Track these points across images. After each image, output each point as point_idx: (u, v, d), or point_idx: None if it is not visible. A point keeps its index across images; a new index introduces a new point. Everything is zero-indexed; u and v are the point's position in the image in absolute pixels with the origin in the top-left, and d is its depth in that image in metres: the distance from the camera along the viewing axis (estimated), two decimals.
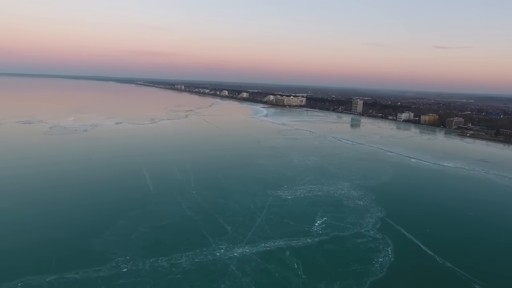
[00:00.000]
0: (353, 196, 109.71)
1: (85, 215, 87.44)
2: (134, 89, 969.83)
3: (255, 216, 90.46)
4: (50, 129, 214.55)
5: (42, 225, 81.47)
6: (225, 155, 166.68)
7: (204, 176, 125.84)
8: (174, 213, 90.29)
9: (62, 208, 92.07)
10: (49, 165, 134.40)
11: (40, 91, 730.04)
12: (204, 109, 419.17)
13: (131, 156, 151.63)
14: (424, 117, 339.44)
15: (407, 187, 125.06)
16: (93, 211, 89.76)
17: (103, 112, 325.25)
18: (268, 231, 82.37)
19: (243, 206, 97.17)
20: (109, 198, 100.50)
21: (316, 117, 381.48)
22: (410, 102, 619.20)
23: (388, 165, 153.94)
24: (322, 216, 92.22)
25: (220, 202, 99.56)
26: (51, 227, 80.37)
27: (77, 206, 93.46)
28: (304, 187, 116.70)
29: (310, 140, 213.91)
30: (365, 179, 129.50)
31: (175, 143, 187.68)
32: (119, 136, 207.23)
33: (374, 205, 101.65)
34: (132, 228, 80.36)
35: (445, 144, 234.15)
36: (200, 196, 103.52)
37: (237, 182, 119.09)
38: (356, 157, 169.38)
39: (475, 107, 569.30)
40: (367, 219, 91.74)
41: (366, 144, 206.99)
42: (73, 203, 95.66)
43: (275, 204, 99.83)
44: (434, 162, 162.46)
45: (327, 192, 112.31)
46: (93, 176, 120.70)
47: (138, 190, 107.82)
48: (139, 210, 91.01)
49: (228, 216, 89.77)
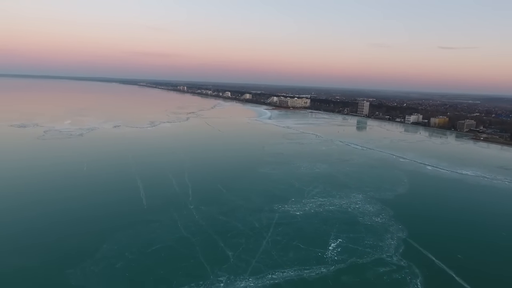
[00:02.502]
0: (369, 211, 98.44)
1: (65, 237, 76.61)
2: (136, 90, 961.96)
3: (260, 238, 79.49)
4: (44, 133, 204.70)
5: (8, 250, 70.38)
6: (227, 162, 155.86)
7: (204, 187, 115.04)
8: (168, 234, 79.42)
9: (38, 227, 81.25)
10: (32, 175, 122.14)
11: (41, 92, 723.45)
12: (206, 111, 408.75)
13: (126, 164, 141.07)
14: (434, 120, 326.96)
15: (427, 200, 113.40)
16: (75, 232, 78.97)
17: (102, 114, 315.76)
18: (275, 257, 71.38)
19: (247, 224, 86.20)
20: (95, 214, 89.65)
21: (322, 119, 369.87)
22: (416, 104, 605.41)
23: (403, 173, 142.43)
24: (336, 237, 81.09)
25: (220, 219, 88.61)
26: (19, 253, 69.33)
27: (57, 225, 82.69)
28: (313, 200, 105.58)
29: (317, 145, 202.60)
30: (379, 190, 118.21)
31: (174, 149, 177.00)
32: (115, 141, 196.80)
33: (394, 223, 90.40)
34: (118, 254, 69.56)
35: (459, 149, 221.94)
36: (199, 212, 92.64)
37: (240, 195, 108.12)
38: (367, 164, 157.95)
39: (483, 108, 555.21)
40: (388, 240, 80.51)
41: (376, 149, 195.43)
42: (51, 221, 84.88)
43: (282, 221, 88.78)
44: (451, 170, 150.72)
45: (340, 207, 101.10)
46: (81, 188, 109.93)
47: (129, 204, 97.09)
48: (128, 230, 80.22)
49: (229, 237, 78.84)
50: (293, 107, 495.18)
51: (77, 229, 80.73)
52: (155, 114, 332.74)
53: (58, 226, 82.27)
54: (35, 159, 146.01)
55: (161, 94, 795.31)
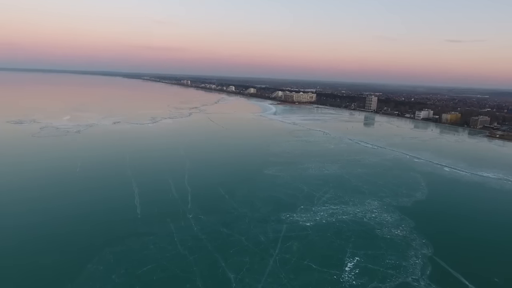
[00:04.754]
0: (387, 221, 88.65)
1: (45, 255, 67.31)
2: (140, 84, 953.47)
3: (266, 255, 70.13)
4: (40, 130, 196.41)
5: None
6: (230, 162, 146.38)
7: (204, 192, 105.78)
8: (163, 250, 70.24)
9: (7, 246, 70.70)
10: (14, 179, 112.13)
11: (43, 86, 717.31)
12: (210, 106, 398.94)
13: (122, 165, 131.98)
14: (446, 116, 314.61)
15: (449, 208, 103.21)
16: (57, 248, 69.94)
17: (102, 109, 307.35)
18: (284, 280, 62.02)
19: (251, 238, 76.86)
20: (83, 226, 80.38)
21: (328, 115, 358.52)
22: (424, 98, 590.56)
23: (419, 175, 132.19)
24: (352, 255, 71.52)
25: (222, 232, 79.30)
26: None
27: (38, 240, 73.38)
28: (324, 208, 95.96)
29: (325, 143, 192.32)
30: (396, 196, 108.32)
31: (174, 148, 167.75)
32: (113, 139, 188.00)
33: (416, 236, 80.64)
34: (104, 277, 60.52)
35: (475, 148, 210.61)
36: (198, 223, 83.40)
37: (243, 201, 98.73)
38: (379, 165, 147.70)
39: (493, 103, 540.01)
40: (412, 259, 70.78)
41: (388, 148, 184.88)
42: (33, 235, 75.38)
43: (291, 235, 79.31)
44: (471, 172, 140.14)
45: (354, 216, 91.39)
46: (69, 194, 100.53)
47: (121, 213, 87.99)
48: (118, 245, 71.11)
49: (231, 255, 69.53)
50: (298, 102, 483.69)
51: (57, 245, 71.67)
52: (157, 110, 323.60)
53: (34, 242, 72.75)
54: (23, 159, 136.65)
55: (164, 89, 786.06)
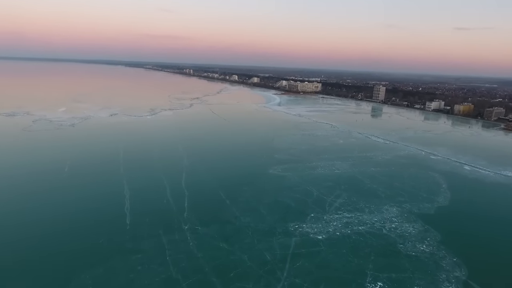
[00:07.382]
0: (410, 234, 77.96)
1: (9, 281, 57.51)
2: (141, 73, 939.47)
3: (273, 279, 59.85)
4: (32, 123, 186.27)
5: None
6: (232, 160, 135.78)
7: (203, 196, 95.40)
8: (152, 273, 60.11)
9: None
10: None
11: (44, 76, 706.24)
12: (212, 96, 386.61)
13: (114, 163, 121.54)
14: (458, 107, 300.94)
15: (478, 217, 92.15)
16: (28, 269, 59.93)
17: (101, 100, 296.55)
18: None
19: (255, 256, 66.51)
20: (61, 241, 70.03)
21: (335, 105, 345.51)
22: (433, 88, 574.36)
23: (438, 175, 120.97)
24: (374, 279, 61.06)
25: (221, 249, 68.95)
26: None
27: (5, 260, 63.69)
28: (337, 216, 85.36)
29: (333, 138, 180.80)
30: (416, 200, 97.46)
31: (173, 143, 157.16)
32: (108, 133, 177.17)
33: (445, 253, 69.96)
34: None
35: (493, 142, 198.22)
36: (194, 236, 73.10)
37: (246, 208, 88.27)
38: (393, 163, 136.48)
39: (503, 93, 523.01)
40: (444, 284, 60.26)
41: (400, 142, 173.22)
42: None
43: (301, 251, 68.89)
44: (494, 171, 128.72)
45: (371, 227, 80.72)
46: (54, 198, 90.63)
47: (108, 225, 77.74)
48: (101, 267, 61.07)
49: (232, 280, 59.32)
50: (303, 92, 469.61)
51: (31, 266, 61.81)
52: (157, 100, 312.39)
53: (5, 262, 63.23)
54: (8, 157, 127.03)
55: (167, 78, 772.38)
